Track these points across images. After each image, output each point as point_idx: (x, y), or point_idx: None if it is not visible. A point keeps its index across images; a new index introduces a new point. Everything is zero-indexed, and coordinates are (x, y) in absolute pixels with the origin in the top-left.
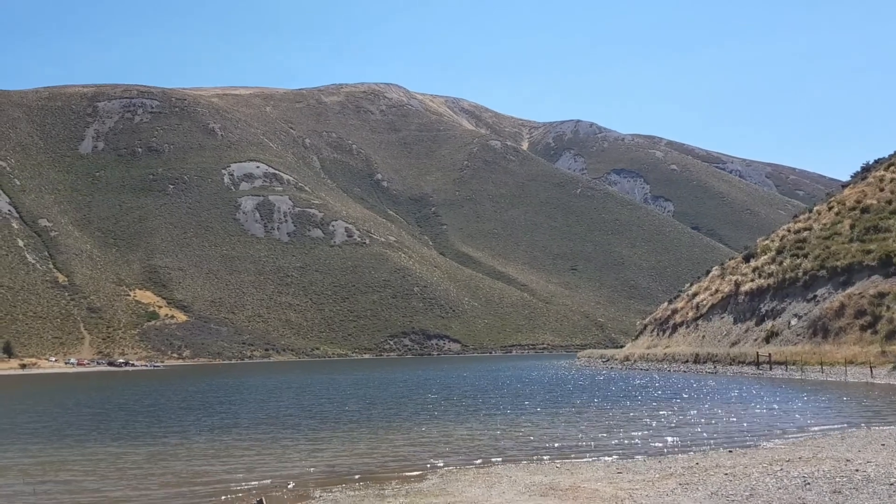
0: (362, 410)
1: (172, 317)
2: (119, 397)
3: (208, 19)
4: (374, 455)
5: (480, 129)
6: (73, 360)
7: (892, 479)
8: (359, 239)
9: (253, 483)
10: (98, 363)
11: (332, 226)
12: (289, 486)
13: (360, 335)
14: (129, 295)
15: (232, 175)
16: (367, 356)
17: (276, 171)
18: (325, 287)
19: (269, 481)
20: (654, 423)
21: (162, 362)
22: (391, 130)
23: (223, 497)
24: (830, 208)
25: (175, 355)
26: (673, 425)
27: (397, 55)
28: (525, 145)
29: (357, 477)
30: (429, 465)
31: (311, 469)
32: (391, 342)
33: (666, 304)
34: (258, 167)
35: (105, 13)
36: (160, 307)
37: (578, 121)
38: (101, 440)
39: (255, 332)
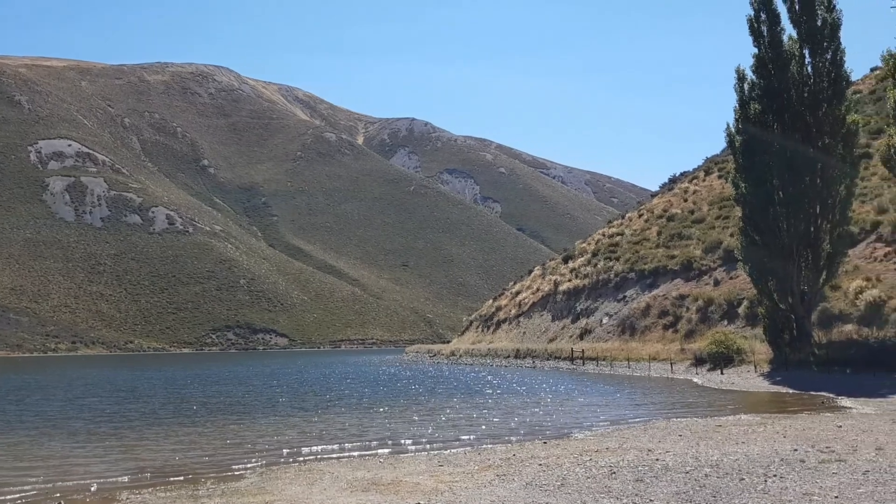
0: (177, 408)
1: None
2: None
3: None
4: (189, 455)
5: (315, 121)
6: None
7: (688, 468)
8: (181, 227)
9: (51, 485)
10: None
11: (152, 212)
12: (92, 489)
13: (180, 328)
14: None
15: (39, 152)
16: (186, 350)
17: (91, 151)
18: (141, 277)
19: (69, 483)
20: (475, 416)
21: None
22: (220, 115)
23: (18, 502)
24: (640, 215)
25: None
26: (493, 418)
27: (228, 36)
28: (360, 139)
29: (169, 478)
30: (247, 464)
31: (119, 470)
32: (213, 336)
33: (491, 301)
34: (70, 145)
35: None
36: None
37: (413, 119)
38: None
39: (61, 324)
